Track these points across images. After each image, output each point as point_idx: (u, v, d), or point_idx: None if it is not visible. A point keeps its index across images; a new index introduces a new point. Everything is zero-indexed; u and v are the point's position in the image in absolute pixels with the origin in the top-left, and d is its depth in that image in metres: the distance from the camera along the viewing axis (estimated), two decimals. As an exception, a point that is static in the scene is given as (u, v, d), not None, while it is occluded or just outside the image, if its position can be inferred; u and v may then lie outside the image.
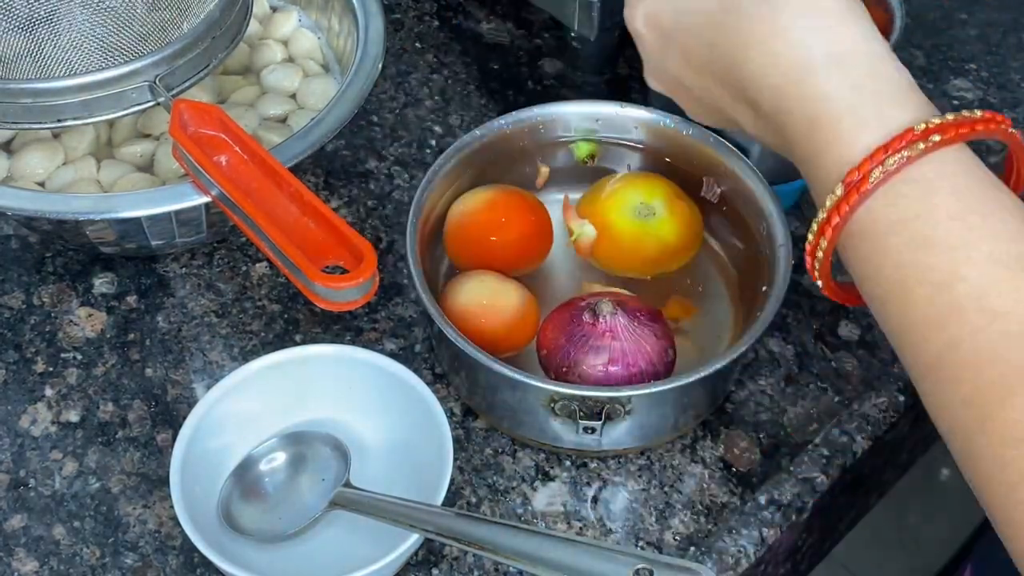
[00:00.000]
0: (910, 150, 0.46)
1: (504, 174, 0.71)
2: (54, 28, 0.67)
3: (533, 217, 0.69)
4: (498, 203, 0.68)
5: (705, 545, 0.62)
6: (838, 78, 0.49)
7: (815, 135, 0.50)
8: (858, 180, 0.47)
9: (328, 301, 0.56)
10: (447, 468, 0.58)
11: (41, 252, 0.75)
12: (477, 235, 0.68)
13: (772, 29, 0.50)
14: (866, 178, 0.47)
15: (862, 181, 0.47)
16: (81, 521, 0.63)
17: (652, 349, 0.62)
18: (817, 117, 0.49)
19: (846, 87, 0.49)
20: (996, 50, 0.90)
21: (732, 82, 0.53)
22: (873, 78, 0.49)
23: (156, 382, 0.69)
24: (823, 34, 0.50)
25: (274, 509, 0.61)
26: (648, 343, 0.62)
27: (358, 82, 0.72)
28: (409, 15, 0.91)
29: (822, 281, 0.53)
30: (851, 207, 0.48)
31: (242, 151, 0.63)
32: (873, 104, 0.48)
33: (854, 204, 0.48)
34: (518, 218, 0.68)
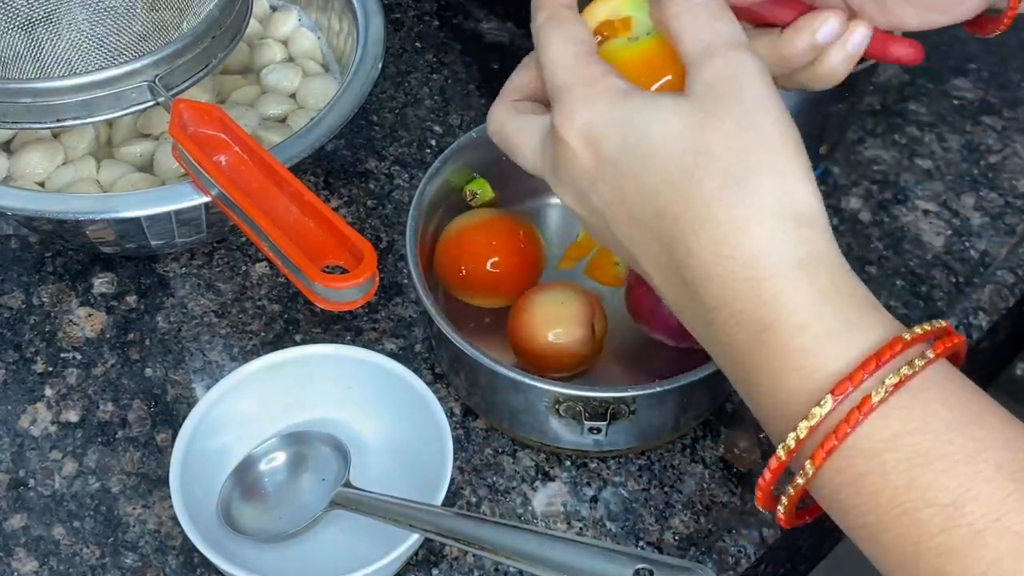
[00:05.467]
0: (907, 363, 0.42)
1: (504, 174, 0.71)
2: (54, 28, 0.66)
3: (518, 257, 0.68)
4: (489, 230, 0.68)
5: (705, 545, 0.62)
6: (803, 283, 0.43)
7: (769, 342, 0.44)
8: (853, 395, 0.42)
9: (328, 301, 0.56)
10: (447, 468, 0.58)
11: (41, 252, 0.75)
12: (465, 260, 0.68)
13: (738, 218, 0.44)
14: (867, 395, 0.42)
15: (864, 400, 0.42)
16: (81, 521, 0.63)
17: None
18: (773, 322, 0.43)
19: (812, 292, 0.43)
20: (996, 50, 0.90)
21: (672, 253, 0.46)
22: (837, 288, 0.44)
23: (156, 382, 0.69)
24: (790, 236, 0.44)
25: (274, 509, 0.61)
26: None
27: (358, 82, 0.72)
28: (409, 15, 0.91)
29: (786, 515, 0.46)
30: (853, 426, 0.42)
31: (242, 151, 0.63)
32: (842, 313, 0.43)
33: (856, 423, 0.42)
34: (507, 250, 0.68)
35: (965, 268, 0.75)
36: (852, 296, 0.44)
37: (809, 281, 0.44)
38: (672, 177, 0.45)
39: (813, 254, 0.44)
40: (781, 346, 0.44)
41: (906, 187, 0.80)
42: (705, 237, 0.44)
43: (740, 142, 0.45)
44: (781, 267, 0.44)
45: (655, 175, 0.46)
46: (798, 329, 0.43)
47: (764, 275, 0.44)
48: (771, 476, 0.45)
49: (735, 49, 0.46)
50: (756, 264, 0.44)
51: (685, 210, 0.45)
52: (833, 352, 0.43)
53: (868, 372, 0.42)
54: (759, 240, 0.44)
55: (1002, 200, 0.79)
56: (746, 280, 0.44)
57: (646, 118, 0.46)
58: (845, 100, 0.71)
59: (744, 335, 0.44)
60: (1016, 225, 0.78)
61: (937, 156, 0.82)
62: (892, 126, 0.84)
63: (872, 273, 0.75)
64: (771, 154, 0.45)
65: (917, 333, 0.43)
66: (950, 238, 0.77)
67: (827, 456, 0.42)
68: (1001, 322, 0.74)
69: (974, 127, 0.84)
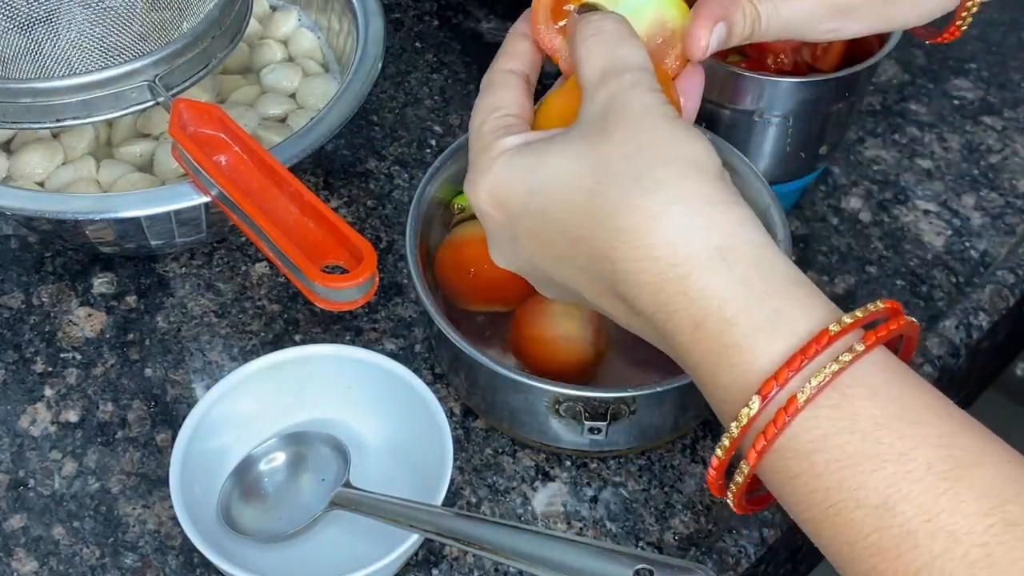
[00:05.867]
0: (834, 358, 0.41)
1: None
2: (54, 27, 0.66)
3: None
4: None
5: (705, 545, 0.62)
6: (724, 273, 0.43)
7: (704, 339, 0.43)
8: (780, 395, 0.42)
9: (328, 301, 0.56)
10: (447, 468, 0.58)
11: (40, 252, 0.75)
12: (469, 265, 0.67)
13: (643, 218, 0.44)
14: (793, 394, 0.41)
15: (790, 400, 0.41)
16: (81, 521, 0.63)
17: None
18: (704, 319, 0.43)
19: (734, 283, 0.43)
20: (996, 50, 0.90)
21: (600, 274, 0.46)
22: (760, 272, 0.43)
23: (156, 382, 0.69)
24: (700, 223, 0.44)
25: (274, 509, 0.61)
26: None
27: (358, 82, 0.71)
28: (409, 15, 0.91)
29: (734, 501, 0.46)
30: (780, 428, 0.42)
31: (242, 151, 0.63)
32: (769, 302, 0.43)
33: (783, 425, 0.41)
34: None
35: (965, 268, 0.75)
36: (779, 279, 0.44)
37: (729, 270, 0.43)
38: (577, 203, 0.46)
39: (729, 239, 0.44)
40: (714, 342, 0.43)
41: (906, 187, 0.80)
42: (622, 247, 0.45)
43: (632, 148, 0.45)
44: (700, 259, 0.43)
45: (562, 208, 0.46)
46: (728, 324, 0.43)
47: (686, 271, 0.43)
48: (715, 473, 0.45)
49: (628, 72, 0.47)
50: (676, 259, 0.44)
51: (596, 229, 0.45)
52: (761, 347, 0.42)
53: (793, 370, 0.41)
54: (671, 233, 0.44)
55: (1002, 200, 0.79)
56: (671, 280, 0.44)
57: (541, 161, 0.47)
58: (845, 100, 0.71)
59: (682, 335, 0.44)
60: (1016, 225, 0.78)
61: (937, 156, 0.82)
62: (892, 126, 0.84)
63: (872, 273, 0.75)
64: (663, 149, 0.45)
65: (847, 323, 0.42)
66: (950, 238, 0.77)
67: (759, 456, 0.43)
68: (1001, 322, 0.74)
69: (974, 127, 0.84)
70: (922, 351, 0.71)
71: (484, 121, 0.51)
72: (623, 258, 0.45)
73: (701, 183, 0.45)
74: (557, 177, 0.47)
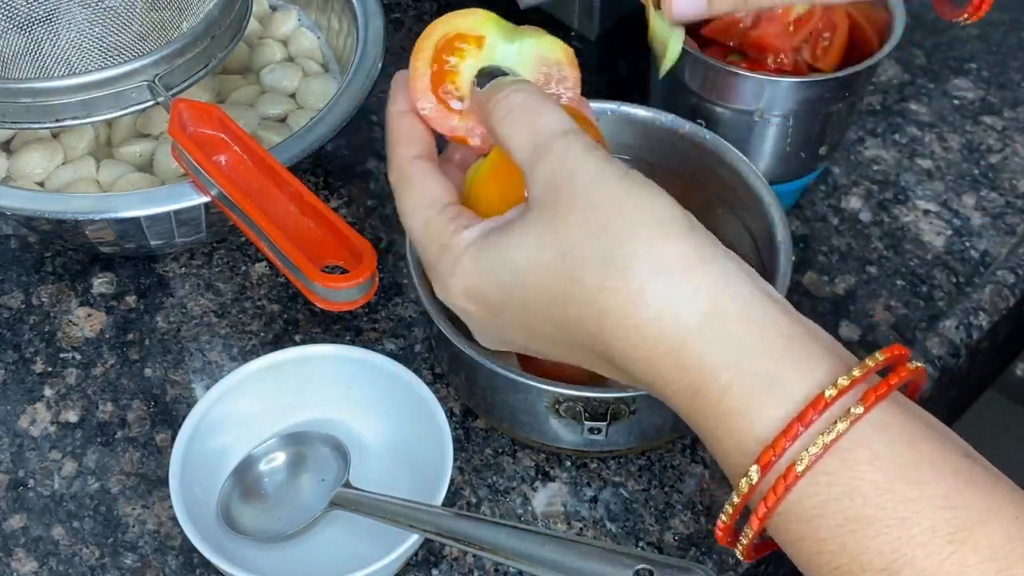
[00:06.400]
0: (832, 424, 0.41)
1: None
2: (53, 27, 0.66)
3: None
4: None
5: (705, 545, 0.62)
6: (713, 339, 0.42)
7: (702, 407, 0.43)
8: (778, 463, 0.41)
9: (328, 301, 0.56)
10: (447, 468, 0.58)
11: (40, 252, 0.75)
12: None
13: (627, 299, 0.43)
14: (792, 463, 0.41)
15: (789, 469, 0.41)
16: (80, 521, 0.63)
17: None
18: (700, 387, 0.43)
19: (725, 348, 0.42)
20: (996, 50, 0.90)
21: (594, 351, 0.46)
22: (750, 331, 0.43)
23: (155, 382, 0.69)
24: (683, 291, 0.43)
25: (274, 509, 0.61)
26: None
27: (358, 82, 0.71)
28: (409, 15, 0.91)
29: (743, 554, 0.46)
30: (779, 497, 0.41)
31: (241, 151, 0.63)
32: (762, 365, 0.42)
33: (782, 495, 0.41)
34: None
35: (965, 268, 0.75)
36: (772, 337, 0.43)
37: (719, 337, 0.43)
38: (553, 291, 0.45)
39: (716, 302, 0.43)
40: (712, 410, 0.43)
41: (906, 187, 0.80)
42: (610, 328, 0.44)
43: (594, 227, 0.44)
44: (690, 329, 0.43)
45: (542, 298, 0.46)
46: (723, 391, 0.42)
47: (678, 343, 0.43)
48: (722, 534, 0.45)
49: (559, 138, 0.46)
50: (665, 333, 0.43)
51: (581, 313, 0.45)
52: (758, 414, 0.42)
53: (790, 439, 0.41)
54: (656, 308, 0.43)
55: (1002, 200, 0.79)
56: (664, 354, 0.43)
57: (506, 254, 0.46)
58: (845, 100, 0.71)
59: (682, 402, 0.44)
60: (1016, 225, 0.78)
61: (937, 156, 0.82)
62: (892, 126, 0.84)
63: (872, 273, 0.75)
64: (625, 220, 0.44)
65: (844, 384, 0.41)
66: (950, 238, 0.77)
67: (762, 522, 0.43)
68: (1001, 322, 0.74)
69: (974, 127, 0.84)
70: (922, 351, 0.71)
71: (428, 221, 0.49)
72: (614, 339, 0.44)
73: (674, 246, 0.44)
74: (528, 269, 0.46)
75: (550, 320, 0.46)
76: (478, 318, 0.49)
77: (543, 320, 0.47)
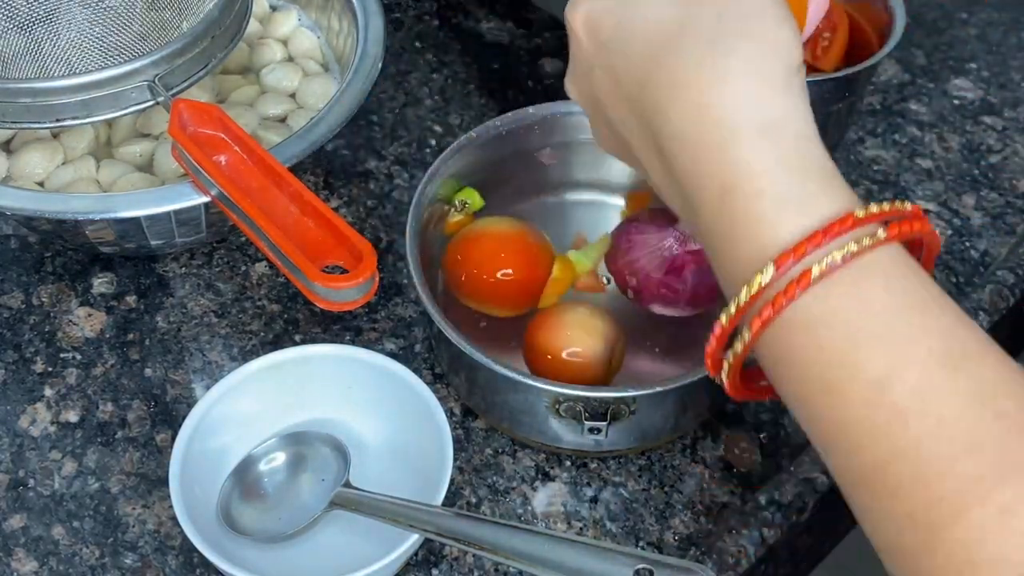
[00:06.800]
0: (855, 241, 0.42)
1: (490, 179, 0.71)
2: (53, 27, 0.67)
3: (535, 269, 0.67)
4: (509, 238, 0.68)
5: (705, 545, 0.62)
6: (764, 148, 0.44)
7: (729, 207, 0.44)
8: (795, 268, 0.42)
9: (328, 301, 0.56)
10: (447, 468, 0.58)
11: (40, 252, 0.75)
12: (485, 265, 0.67)
13: (711, 78, 0.45)
14: (807, 268, 0.42)
15: (803, 273, 0.42)
16: (80, 521, 0.63)
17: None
18: (734, 186, 0.44)
19: (771, 159, 0.44)
20: (996, 49, 0.90)
21: (650, 125, 0.47)
22: (800, 156, 0.44)
23: (156, 382, 0.69)
24: (759, 98, 0.44)
25: (274, 509, 0.61)
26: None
27: (358, 82, 0.71)
28: (409, 15, 0.91)
29: (729, 382, 0.47)
30: (789, 299, 0.42)
31: (241, 151, 0.63)
32: (799, 183, 0.43)
33: (792, 296, 0.42)
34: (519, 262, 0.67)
35: (965, 268, 0.75)
36: (817, 167, 0.44)
37: (771, 147, 0.44)
38: (656, 46, 0.47)
39: (780, 120, 0.44)
40: (740, 211, 0.44)
41: (906, 187, 0.80)
42: (680, 100, 0.45)
43: (722, 9, 0.46)
44: (745, 130, 0.44)
45: (641, 47, 0.47)
46: (756, 196, 0.43)
47: (729, 138, 0.44)
48: (715, 343, 0.46)
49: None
50: (723, 126, 0.44)
51: (664, 76, 0.46)
52: (786, 222, 0.43)
53: (813, 245, 0.42)
54: (727, 102, 0.44)
55: (1002, 200, 0.79)
56: (713, 144, 0.44)
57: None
58: (845, 100, 0.71)
59: (709, 201, 0.45)
60: (1016, 225, 0.78)
61: (937, 156, 0.82)
62: (892, 126, 0.84)
63: (872, 273, 0.75)
64: (753, 23, 0.46)
65: (873, 212, 0.43)
66: (950, 238, 0.77)
67: (764, 325, 0.43)
68: (1001, 322, 0.74)
69: (974, 127, 0.84)
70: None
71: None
72: (677, 113, 0.45)
73: (773, 66, 0.45)
74: (647, 17, 0.47)
75: (634, 74, 0.48)
76: (582, 48, 0.51)
77: (629, 72, 0.48)
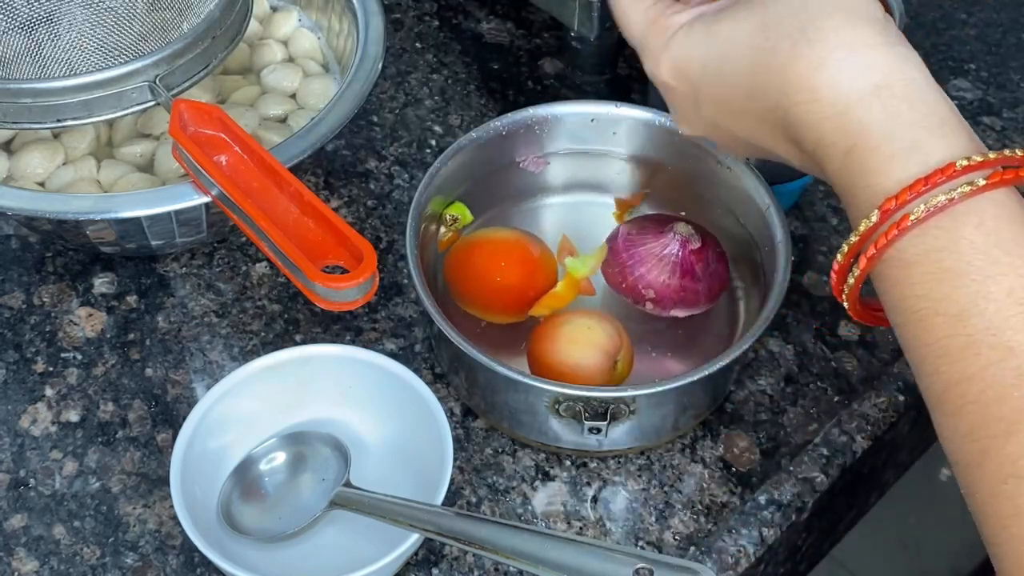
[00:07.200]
0: (953, 189, 0.46)
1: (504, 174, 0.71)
2: (54, 28, 0.67)
3: (528, 277, 0.67)
4: (513, 246, 0.68)
5: (705, 545, 0.62)
6: (877, 107, 0.48)
7: (851, 164, 0.49)
8: (896, 212, 0.47)
9: (328, 301, 0.56)
10: (447, 468, 0.59)
11: (41, 252, 0.75)
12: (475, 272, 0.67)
13: (810, 66, 0.49)
14: (907, 214, 0.46)
15: (903, 218, 0.46)
16: (81, 521, 0.63)
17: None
18: (854, 146, 0.48)
19: (884, 116, 0.48)
20: (996, 50, 0.90)
21: (774, 122, 0.52)
22: (911, 106, 0.48)
23: (156, 382, 0.69)
24: (861, 64, 0.49)
25: (274, 509, 0.61)
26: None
27: (358, 82, 0.72)
28: (409, 15, 0.91)
29: (849, 304, 0.52)
30: (889, 240, 0.47)
31: (242, 151, 0.63)
32: (911, 133, 0.47)
33: (893, 238, 0.47)
34: (518, 269, 0.67)
35: (965, 268, 0.75)
36: (927, 113, 0.48)
37: (883, 105, 0.48)
38: (750, 60, 0.52)
39: (887, 77, 0.48)
40: (858, 167, 0.48)
41: (906, 187, 0.80)
42: (791, 94, 0.50)
43: (796, 5, 0.50)
44: (856, 96, 0.48)
45: (736, 67, 0.52)
46: (870, 152, 0.48)
47: (844, 108, 0.49)
48: (835, 277, 0.51)
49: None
50: (836, 100, 0.49)
51: (768, 81, 0.51)
52: (893, 172, 0.47)
53: (915, 193, 0.46)
54: (833, 76, 0.49)
55: (1002, 200, 0.79)
56: (831, 117, 0.49)
57: (713, 30, 0.53)
58: (845, 100, 0.71)
59: (834, 161, 0.50)
60: (1016, 225, 0.78)
61: (937, 156, 0.82)
62: (892, 126, 0.84)
63: (872, 273, 0.75)
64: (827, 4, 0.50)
65: (976, 160, 0.46)
66: (950, 238, 0.77)
67: (870, 262, 0.48)
68: (1001, 322, 0.74)
69: (974, 127, 0.84)
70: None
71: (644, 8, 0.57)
72: (792, 103, 0.50)
73: (862, 29, 0.49)
74: (729, 40, 0.52)
75: (740, 90, 0.53)
76: (679, 94, 0.56)
77: (734, 90, 0.53)
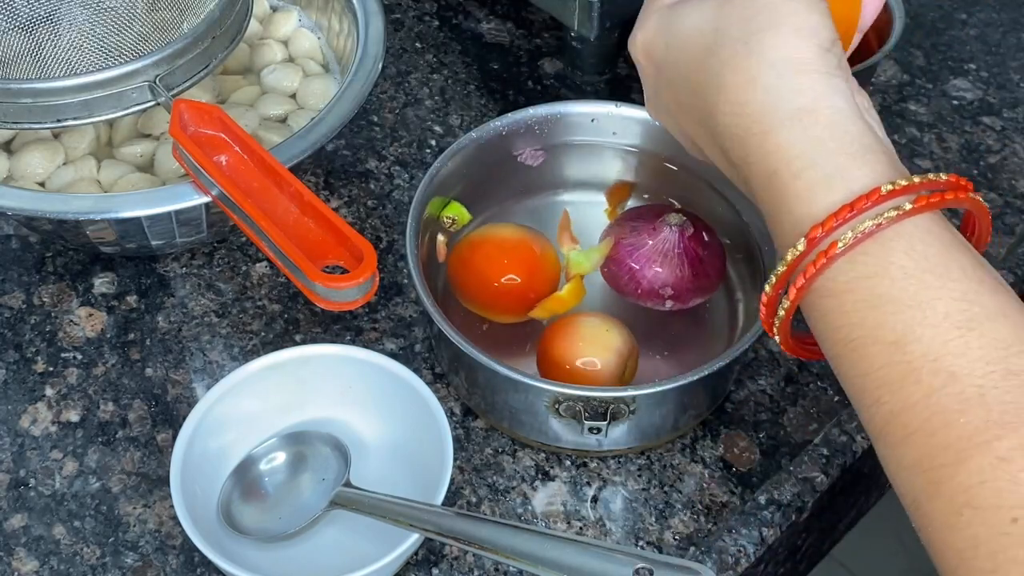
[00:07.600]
0: (879, 214, 0.45)
1: (503, 170, 0.71)
2: (54, 28, 0.67)
3: (540, 276, 0.67)
4: (508, 247, 0.68)
5: (705, 545, 0.62)
6: (798, 132, 0.47)
7: (773, 190, 0.48)
8: (824, 240, 0.46)
9: (328, 301, 0.56)
10: (447, 468, 0.59)
11: (41, 252, 0.75)
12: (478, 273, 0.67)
13: (745, 78, 0.49)
14: (835, 241, 0.45)
15: (831, 245, 0.45)
16: (81, 521, 0.63)
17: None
18: (776, 171, 0.48)
19: (806, 141, 0.47)
20: (996, 50, 0.90)
21: (708, 127, 0.52)
22: (832, 135, 0.47)
23: (156, 382, 0.69)
24: (789, 87, 0.48)
25: (274, 509, 0.61)
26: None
27: (358, 82, 0.72)
28: (409, 15, 0.91)
29: (781, 338, 0.51)
30: (818, 269, 0.46)
31: (242, 151, 0.63)
32: (833, 160, 0.47)
33: (821, 267, 0.46)
34: (531, 268, 0.67)
35: (965, 268, 0.75)
36: (850, 142, 0.47)
37: (804, 129, 0.47)
38: (698, 57, 0.51)
39: (811, 102, 0.48)
40: (781, 192, 0.48)
41: (906, 187, 0.80)
42: (723, 102, 0.50)
43: (750, 12, 0.50)
44: (780, 117, 0.48)
45: (687, 61, 0.52)
46: (794, 176, 0.47)
47: (767, 128, 0.48)
48: (765, 310, 0.50)
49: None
50: (762, 119, 0.48)
51: (708, 83, 0.50)
52: (817, 199, 0.46)
53: (840, 220, 0.45)
54: (761, 94, 0.48)
55: (1002, 200, 0.79)
56: (755, 135, 0.48)
57: (678, 18, 0.53)
58: (845, 100, 0.71)
59: (758, 183, 0.49)
60: (1016, 225, 0.78)
61: (937, 156, 0.82)
62: (892, 126, 0.84)
63: (872, 273, 0.75)
64: (776, 15, 0.49)
65: (901, 184, 0.45)
66: (950, 238, 0.77)
67: (799, 293, 0.47)
68: (1001, 322, 0.74)
69: (973, 127, 0.84)
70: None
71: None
72: (722, 112, 0.50)
73: (803, 51, 0.48)
74: (687, 34, 0.52)
75: (688, 85, 0.52)
76: (647, 73, 0.56)
77: (684, 84, 0.52)
